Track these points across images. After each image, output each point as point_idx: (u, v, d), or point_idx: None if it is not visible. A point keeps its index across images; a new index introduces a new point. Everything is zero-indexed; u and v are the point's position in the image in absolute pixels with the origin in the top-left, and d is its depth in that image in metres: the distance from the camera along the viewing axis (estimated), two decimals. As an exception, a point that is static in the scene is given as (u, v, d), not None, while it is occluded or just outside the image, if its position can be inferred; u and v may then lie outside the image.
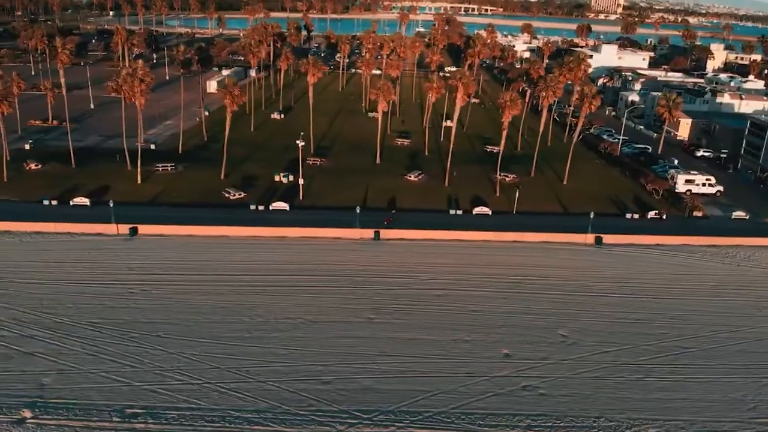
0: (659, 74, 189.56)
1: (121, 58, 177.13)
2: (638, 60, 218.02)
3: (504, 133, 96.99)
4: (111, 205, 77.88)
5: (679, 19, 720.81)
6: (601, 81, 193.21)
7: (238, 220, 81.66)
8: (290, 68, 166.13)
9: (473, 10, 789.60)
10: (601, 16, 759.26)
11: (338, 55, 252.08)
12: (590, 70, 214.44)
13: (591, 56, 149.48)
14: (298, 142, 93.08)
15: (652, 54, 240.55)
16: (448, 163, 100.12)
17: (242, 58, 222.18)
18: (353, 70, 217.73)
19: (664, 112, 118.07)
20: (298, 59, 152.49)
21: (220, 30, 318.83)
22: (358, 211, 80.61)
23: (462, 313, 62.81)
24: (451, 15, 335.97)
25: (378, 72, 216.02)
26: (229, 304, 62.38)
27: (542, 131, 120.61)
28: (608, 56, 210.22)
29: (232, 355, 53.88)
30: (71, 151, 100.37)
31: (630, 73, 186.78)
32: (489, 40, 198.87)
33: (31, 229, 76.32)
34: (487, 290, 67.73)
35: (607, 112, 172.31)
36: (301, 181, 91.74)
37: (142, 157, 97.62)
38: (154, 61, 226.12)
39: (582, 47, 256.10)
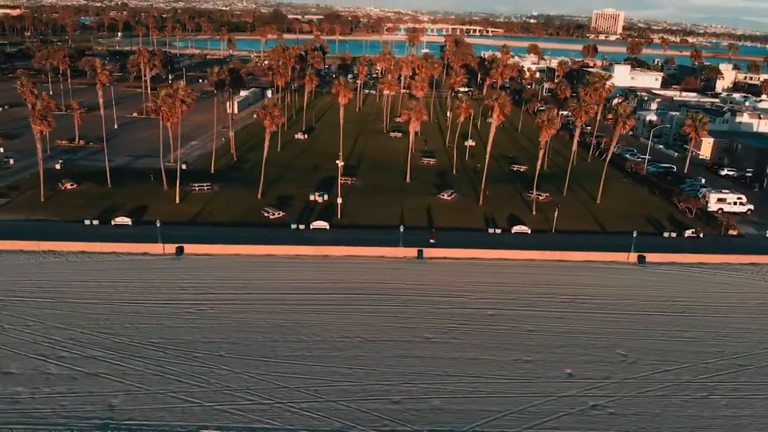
0: (674, 94, 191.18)
1: (144, 80, 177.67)
2: (651, 80, 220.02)
3: (540, 153, 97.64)
4: (158, 225, 77.84)
5: (679, 40, 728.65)
6: (615, 101, 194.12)
7: (281, 239, 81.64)
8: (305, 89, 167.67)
9: (475, 31, 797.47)
10: (601, 37, 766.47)
11: (350, 75, 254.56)
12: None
13: (611, 76, 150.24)
14: (338, 162, 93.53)
15: (662, 74, 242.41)
16: (482, 182, 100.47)
17: (260, 79, 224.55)
18: (367, 91, 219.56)
19: (691, 132, 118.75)
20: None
21: (230, 51, 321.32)
22: (401, 230, 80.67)
23: (519, 333, 62.61)
24: (460, 36, 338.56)
25: (389, 93, 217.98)
26: (286, 322, 62.17)
27: (572, 151, 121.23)
28: (621, 76, 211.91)
29: (297, 374, 53.58)
30: (107, 171, 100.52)
31: (645, 94, 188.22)
32: (508, 62, 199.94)
33: (75, 249, 76.19)
34: (540, 310, 67.59)
35: (624, 132, 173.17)
36: (339, 200, 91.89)
37: (176, 178, 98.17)
38: (170, 81, 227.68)
39: (592, 68, 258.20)
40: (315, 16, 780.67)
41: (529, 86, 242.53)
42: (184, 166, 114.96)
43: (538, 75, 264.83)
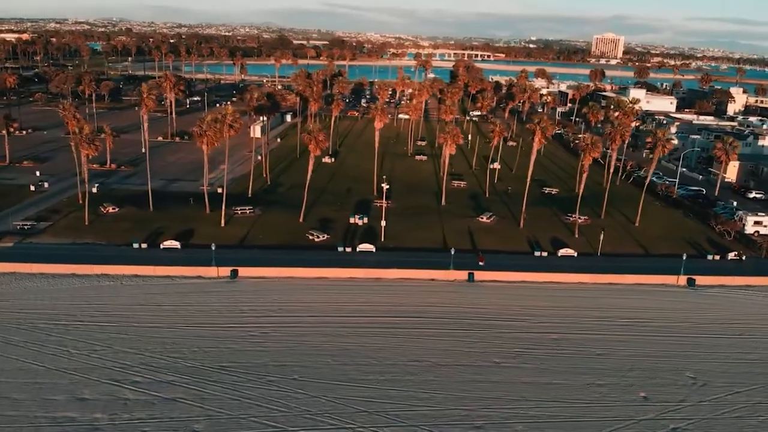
0: (692, 118, 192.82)
1: (169, 104, 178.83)
2: (666, 104, 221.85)
3: (584, 176, 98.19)
4: (213, 248, 77.77)
5: (679, 63, 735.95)
6: (633, 124, 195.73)
7: (331, 262, 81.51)
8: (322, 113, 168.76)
9: (477, 56, 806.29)
10: (602, 61, 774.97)
11: (364, 101, 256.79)
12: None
13: (640, 100, 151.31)
14: (383, 185, 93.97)
15: (675, 98, 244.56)
16: (523, 205, 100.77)
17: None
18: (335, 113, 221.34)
19: (722, 155, 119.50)
20: (328, 104, 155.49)
21: (242, 76, 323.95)
22: (452, 252, 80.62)
23: (587, 357, 62.27)
24: (470, 62, 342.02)
25: (405, 116, 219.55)
26: (352, 346, 61.82)
27: (604, 175, 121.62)
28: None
29: (374, 399, 53.11)
30: (149, 195, 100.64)
31: (663, 117, 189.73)
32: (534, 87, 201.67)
33: (129, 273, 76.00)
34: (603, 333, 67.33)
35: (644, 155, 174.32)
36: (383, 223, 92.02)
37: (214, 201, 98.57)
38: (188, 105, 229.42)
39: (605, 92, 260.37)
40: (320, 41, 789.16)
41: (540, 110, 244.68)
42: (219, 190, 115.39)
43: (549, 98, 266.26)
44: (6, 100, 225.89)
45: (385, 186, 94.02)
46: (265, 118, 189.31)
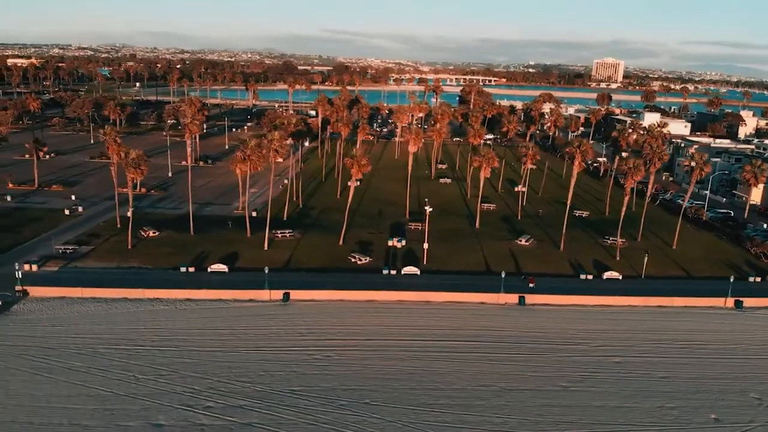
0: (709, 141, 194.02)
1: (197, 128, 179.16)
2: (680, 127, 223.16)
3: (626, 199, 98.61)
4: (266, 271, 77.68)
5: (679, 87, 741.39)
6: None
7: (377, 285, 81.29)
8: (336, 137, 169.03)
9: (478, 81, 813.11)
10: (603, 85, 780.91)
11: (375, 124, 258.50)
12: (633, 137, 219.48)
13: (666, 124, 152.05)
14: (426, 208, 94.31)
15: (688, 122, 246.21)
16: (564, 228, 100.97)
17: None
18: (394, 139, 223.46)
19: (751, 178, 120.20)
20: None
21: (254, 101, 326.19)
22: (503, 276, 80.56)
23: (652, 380, 61.98)
24: (480, 86, 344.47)
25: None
26: (416, 369, 61.47)
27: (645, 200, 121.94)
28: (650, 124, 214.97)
29: (450, 424, 52.72)
30: (190, 219, 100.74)
31: (680, 141, 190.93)
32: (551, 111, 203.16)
33: (181, 296, 75.76)
34: (663, 356, 67.09)
35: (663, 178, 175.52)
36: (425, 246, 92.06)
37: (253, 224, 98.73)
38: (204, 130, 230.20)
39: (617, 115, 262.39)
40: (321, 67, 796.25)
41: (551, 134, 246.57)
42: (254, 213, 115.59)
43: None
44: (23, 124, 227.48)
45: (428, 209, 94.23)
46: (290, 142, 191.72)
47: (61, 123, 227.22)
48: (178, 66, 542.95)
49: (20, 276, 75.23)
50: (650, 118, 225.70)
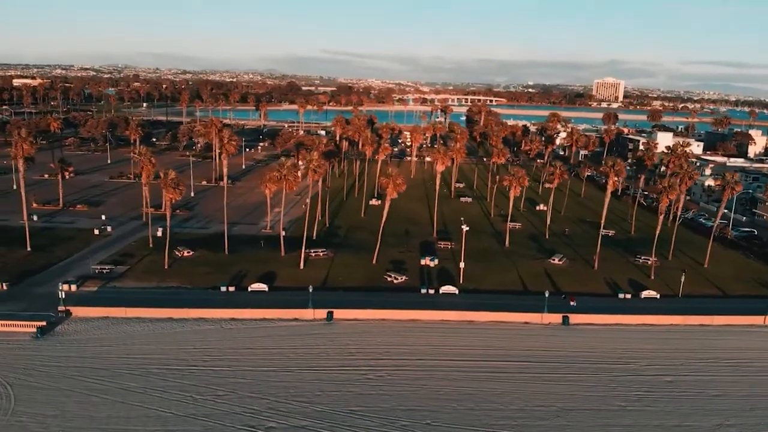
0: (723, 160, 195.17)
1: (216, 149, 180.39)
2: (693, 147, 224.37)
3: (660, 218, 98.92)
4: (310, 290, 77.65)
5: (680, 107, 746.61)
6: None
7: (418, 304, 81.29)
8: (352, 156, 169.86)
9: (479, 101, 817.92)
10: (603, 104, 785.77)
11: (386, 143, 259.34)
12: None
13: (690, 144, 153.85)
14: (463, 227, 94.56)
15: (699, 141, 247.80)
16: (598, 247, 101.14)
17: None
18: (408, 158, 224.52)
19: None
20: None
21: (263, 122, 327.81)
22: (547, 295, 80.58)
23: (706, 398, 61.78)
24: (486, 106, 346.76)
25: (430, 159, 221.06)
26: (471, 390, 61.19)
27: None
28: (664, 143, 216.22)
29: (515, 444, 52.41)
30: (225, 239, 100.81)
31: (696, 159, 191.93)
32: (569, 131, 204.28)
33: (226, 316, 75.62)
34: (713, 374, 66.95)
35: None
36: (462, 265, 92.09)
37: (285, 243, 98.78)
38: (219, 150, 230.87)
39: (627, 134, 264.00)
40: (323, 87, 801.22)
41: (561, 153, 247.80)
42: (283, 233, 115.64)
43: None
44: (37, 144, 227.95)
45: (465, 228, 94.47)
46: (301, 162, 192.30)
47: (75, 143, 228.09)
48: (183, 87, 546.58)
49: (63, 296, 75.04)
50: (663, 138, 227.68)
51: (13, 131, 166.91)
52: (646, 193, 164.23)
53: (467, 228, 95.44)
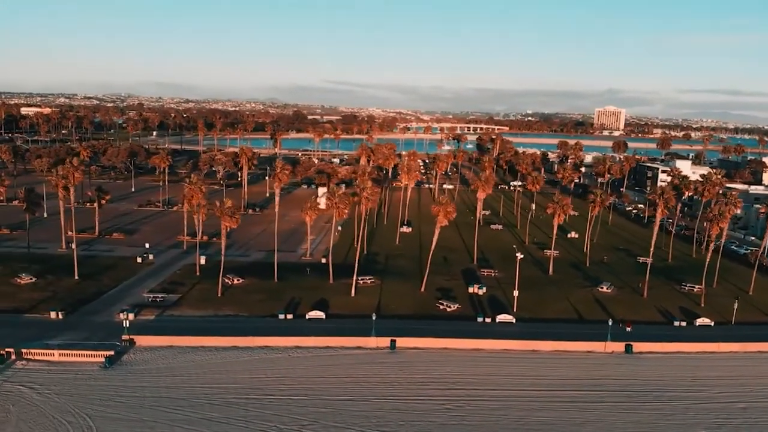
0: (744, 187, 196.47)
1: (244, 176, 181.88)
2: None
3: (711, 246, 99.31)
4: (374, 318, 77.54)
5: (681, 134, 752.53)
6: (686, 195, 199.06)
7: (478, 333, 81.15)
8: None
9: (480, 129, 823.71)
10: (605, 133, 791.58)
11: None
12: (664, 184, 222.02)
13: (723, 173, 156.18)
14: (518, 255, 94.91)
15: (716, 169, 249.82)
16: (647, 275, 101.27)
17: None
18: (426, 186, 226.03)
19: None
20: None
21: (276, 150, 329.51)
22: (610, 324, 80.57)
23: (790, 427, 61.49)
24: (489, 134, 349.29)
25: (449, 186, 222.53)
26: (554, 420, 60.76)
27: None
28: (685, 171, 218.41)
29: (610, 475, 51.89)
30: (275, 266, 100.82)
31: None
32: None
33: (290, 344, 75.27)
34: (789, 402, 66.68)
35: (704, 224, 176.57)
36: (516, 293, 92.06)
37: (324, 270, 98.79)
38: (239, 179, 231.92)
39: (644, 162, 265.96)
40: (329, 116, 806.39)
41: (578, 180, 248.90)
42: (323, 260, 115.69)
43: (583, 169, 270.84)
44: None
45: (519, 256, 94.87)
46: (324, 190, 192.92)
47: (96, 171, 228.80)
48: (188, 115, 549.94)
49: (127, 325, 74.73)
50: (682, 166, 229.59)
51: (30, 157, 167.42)
52: (670, 220, 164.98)
53: (521, 256, 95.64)
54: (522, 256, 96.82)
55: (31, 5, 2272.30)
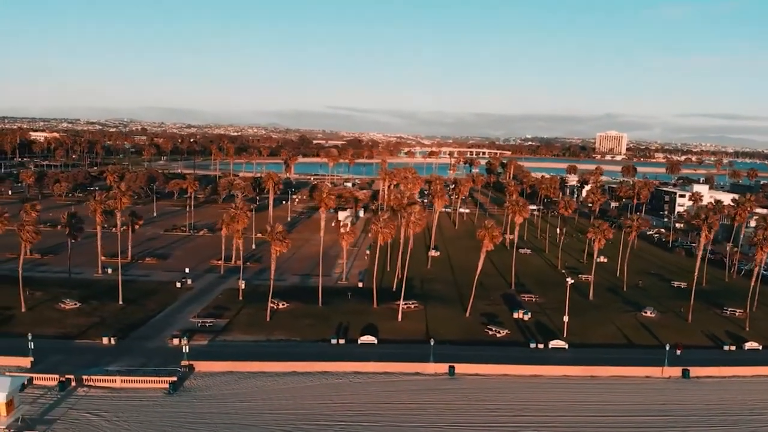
0: (764, 211, 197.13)
1: (270, 200, 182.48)
2: (728, 198, 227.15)
3: (755, 270, 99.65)
4: (432, 343, 77.44)
5: (683, 158, 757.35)
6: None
7: (533, 359, 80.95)
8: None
9: (483, 153, 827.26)
10: (607, 157, 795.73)
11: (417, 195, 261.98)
12: (682, 209, 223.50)
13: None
14: (568, 279, 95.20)
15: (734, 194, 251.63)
16: (691, 300, 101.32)
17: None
18: (445, 210, 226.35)
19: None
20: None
21: (288, 174, 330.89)
22: (667, 348, 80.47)
23: None
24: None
25: (465, 211, 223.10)
26: (629, 446, 60.45)
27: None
28: (703, 196, 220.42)
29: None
30: (320, 291, 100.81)
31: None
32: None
33: (349, 369, 74.92)
34: None
35: (727, 247, 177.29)
36: (566, 319, 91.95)
37: (368, 294, 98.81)
38: (257, 203, 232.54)
39: (661, 187, 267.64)
40: (332, 141, 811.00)
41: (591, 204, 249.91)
42: (360, 284, 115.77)
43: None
44: (74, 197, 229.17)
45: (569, 281, 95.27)
46: (347, 213, 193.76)
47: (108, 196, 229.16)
48: (193, 141, 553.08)
49: (187, 350, 74.44)
50: (700, 190, 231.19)
51: (48, 182, 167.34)
52: (693, 244, 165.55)
53: (572, 281, 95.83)
54: (572, 281, 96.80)
55: (33, 25, 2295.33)
